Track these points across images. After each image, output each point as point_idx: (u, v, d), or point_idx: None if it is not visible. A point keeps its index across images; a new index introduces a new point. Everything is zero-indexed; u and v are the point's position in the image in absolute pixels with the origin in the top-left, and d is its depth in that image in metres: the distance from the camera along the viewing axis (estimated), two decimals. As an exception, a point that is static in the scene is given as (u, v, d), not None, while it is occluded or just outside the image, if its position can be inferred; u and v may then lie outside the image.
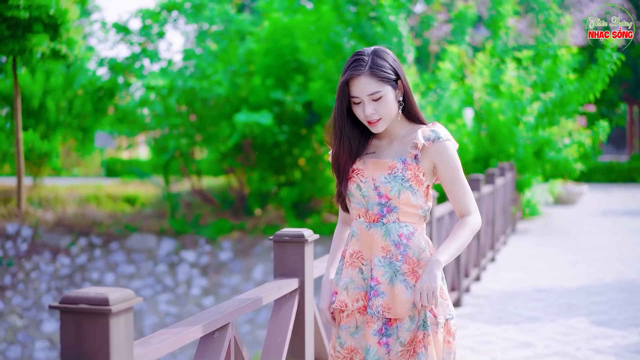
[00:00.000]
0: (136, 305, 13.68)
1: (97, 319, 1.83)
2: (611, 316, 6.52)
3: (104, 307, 1.82)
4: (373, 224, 2.48)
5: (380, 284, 2.45)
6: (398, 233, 2.45)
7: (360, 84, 2.41)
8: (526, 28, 15.95)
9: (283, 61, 14.76)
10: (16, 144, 15.82)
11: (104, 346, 1.84)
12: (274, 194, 15.91)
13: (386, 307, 2.44)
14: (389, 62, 2.45)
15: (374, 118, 2.43)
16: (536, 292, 7.65)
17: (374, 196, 2.47)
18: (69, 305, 1.84)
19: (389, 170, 2.46)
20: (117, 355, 1.86)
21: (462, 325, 6.24)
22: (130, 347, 1.93)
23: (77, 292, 1.86)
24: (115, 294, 1.85)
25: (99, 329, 1.83)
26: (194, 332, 2.30)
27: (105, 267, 14.27)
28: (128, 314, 1.91)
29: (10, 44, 14.28)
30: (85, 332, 1.84)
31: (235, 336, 2.57)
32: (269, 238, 3.05)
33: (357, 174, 2.51)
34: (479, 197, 8.24)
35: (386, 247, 2.46)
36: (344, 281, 2.52)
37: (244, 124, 13.98)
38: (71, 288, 13.86)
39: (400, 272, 2.44)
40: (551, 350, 5.47)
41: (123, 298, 1.87)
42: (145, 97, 15.25)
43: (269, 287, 2.92)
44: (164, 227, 14.96)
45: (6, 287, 13.74)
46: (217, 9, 15.67)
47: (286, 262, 3.07)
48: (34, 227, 14.82)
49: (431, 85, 12.63)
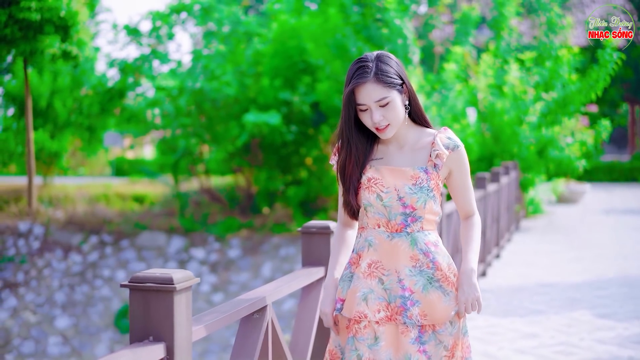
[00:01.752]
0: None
1: (163, 296, 2.08)
2: (614, 309, 6.75)
3: (169, 286, 2.07)
4: (396, 234, 2.47)
5: (414, 293, 2.45)
6: (425, 241, 2.48)
7: (366, 91, 2.40)
8: (528, 29, 16.15)
9: (291, 62, 15.03)
10: (27, 143, 16.08)
11: (169, 320, 2.09)
12: (281, 192, 16.17)
13: (422, 314, 2.45)
14: (393, 67, 2.45)
15: (382, 124, 2.43)
16: (540, 286, 7.89)
17: (397, 206, 2.46)
18: (138, 284, 2.09)
19: (413, 180, 2.46)
20: (179, 327, 2.12)
21: (470, 317, 6.48)
22: (190, 322, 2.18)
23: (144, 273, 2.11)
24: (178, 274, 2.11)
25: (164, 304, 2.09)
26: (238, 312, 2.55)
27: (116, 264, 14.54)
28: (188, 292, 2.16)
29: (22, 45, 14.51)
30: (152, 308, 2.10)
31: (273, 318, 2.82)
32: (298, 230, 3.29)
33: (376, 184, 2.48)
34: (485, 195, 8.49)
35: (414, 256, 2.46)
36: (363, 292, 2.48)
37: (253, 124, 14.26)
38: (83, 285, 14.12)
39: (434, 279, 2.46)
40: (556, 341, 5.71)
41: (184, 278, 2.12)
42: (157, 98, 15.51)
43: (299, 274, 3.17)
44: (173, 225, 15.23)
45: (19, 284, 14.00)
46: (226, 11, 15.94)
47: (313, 252, 3.32)
48: (46, 225, 15.08)
49: (436, 85, 12.85)
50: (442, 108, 12.31)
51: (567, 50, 12.63)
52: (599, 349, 5.47)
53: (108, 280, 14.26)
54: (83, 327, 13.56)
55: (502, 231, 10.29)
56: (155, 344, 2.07)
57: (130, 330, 2.12)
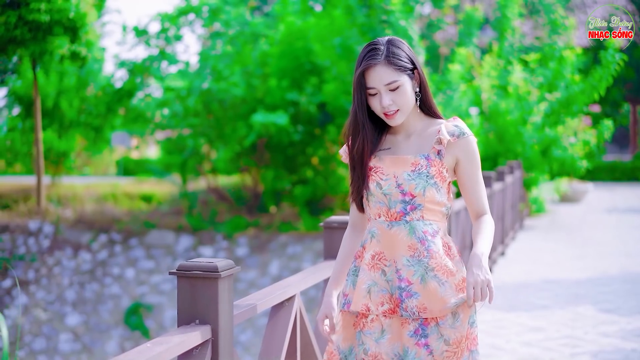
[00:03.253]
0: (156, 300, 14.15)
1: (208, 282, 2.28)
2: (617, 304, 6.94)
3: (214, 273, 2.27)
4: (395, 222, 2.38)
5: (412, 284, 2.35)
6: (423, 230, 2.37)
7: (376, 74, 2.33)
8: (530, 29, 16.30)
9: (298, 63, 15.25)
10: (36, 143, 16.30)
11: (213, 304, 2.29)
12: (288, 192, 16.39)
13: (421, 307, 2.34)
14: (405, 50, 2.37)
15: (391, 109, 2.35)
16: (545, 283, 8.08)
17: (396, 194, 2.38)
18: (185, 272, 2.29)
19: (412, 167, 2.38)
20: (223, 311, 2.32)
21: (478, 312, 6.67)
22: (231, 306, 2.38)
23: (191, 262, 2.31)
24: (222, 263, 2.30)
25: (209, 290, 2.29)
26: (272, 300, 2.75)
27: (125, 262, 14.75)
28: (230, 280, 2.36)
29: (32, 46, 14.71)
30: (198, 293, 2.30)
31: (301, 307, 3.01)
32: (320, 224, 3.47)
33: (376, 172, 2.41)
34: (490, 194, 8.67)
35: (413, 245, 2.36)
36: (367, 284, 2.39)
37: (261, 124, 14.48)
38: (93, 283, 14.34)
39: (429, 269, 2.34)
40: (561, 334, 5.90)
41: (228, 266, 2.32)
42: (166, 98, 15.73)
43: (321, 267, 3.37)
44: (181, 224, 15.45)
45: (30, 281, 14.22)
46: (233, 12, 16.18)
47: (335, 245, 3.49)
48: (55, 224, 15.30)
49: (441, 86, 13.02)
50: (447, 108, 12.48)
51: (570, 51, 12.81)
52: (603, 341, 5.65)
53: (118, 278, 14.48)
54: (93, 324, 13.78)
55: (507, 229, 10.49)
56: (201, 327, 2.27)
57: (178, 313, 2.32)
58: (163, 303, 14.14)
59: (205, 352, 2.26)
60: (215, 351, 2.30)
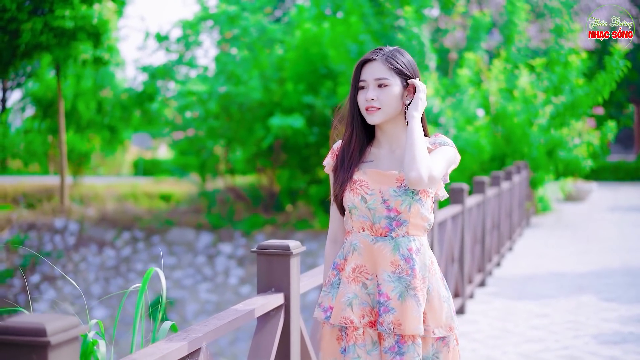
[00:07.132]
0: (179, 294, 14.75)
1: (283, 258, 2.88)
2: (617, 294, 7.49)
3: (287, 251, 2.86)
4: (380, 237, 2.40)
5: (390, 299, 2.36)
6: (407, 247, 2.38)
7: (371, 68, 2.40)
8: (536, 32, 16.63)
9: (313, 68, 15.88)
10: (59, 145, 16.93)
11: (286, 276, 2.89)
12: (303, 191, 17.00)
13: (396, 323, 2.35)
14: (406, 58, 2.44)
15: (374, 105, 2.37)
16: (551, 275, 8.64)
17: (382, 209, 2.39)
18: (264, 250, 2.88)
19: (398, 182, 2.39)
20: (293, 282, 2.91)
21: (488, 300, 7.26)
22: (299, 278, 2.99)
23: (268, 242, 2.90)
24: (293, 244, 2.89)
25: (283, 265, 2.88)
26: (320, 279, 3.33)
27: (148, 258, 15.38)
28: (298, 257, 2.96)
29: (57, 51, 15.28)
30: (274, 267, 2.89)
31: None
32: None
33: (361, 186, 2.41)
34: (499, 193, 9.25)
35: (395, 261, 2.38)
36: (347, 297, 2.40)
37: (278, 127, 15.11)
38: (118, 278, 14.96)
39: (410, 287, 2.36)
40: (565, 320, 6.46)
41: (297, 246, 2.91)
42: (189, 102, 16.33)
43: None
44: (200, 222, 16.07)
45: (57, 277, 14.85)
46: (252, 19, 16.81)
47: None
48: (80, 222, 15.94)
49: (450, 90, 13.51)
50: (456, 111, 12.95)
51: (575, 55, 13.26)
52: (604, 326, 6.22)
53: (141, 273, 15.10)
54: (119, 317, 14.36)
55: (514, 226, 11.05)
56: (276, 294, 2.86)
57: (258, 283, 2.91)
58: (185, 298, 14.75)
59: (280, 313, 2.85)
60: (288, 313, 2.89)
